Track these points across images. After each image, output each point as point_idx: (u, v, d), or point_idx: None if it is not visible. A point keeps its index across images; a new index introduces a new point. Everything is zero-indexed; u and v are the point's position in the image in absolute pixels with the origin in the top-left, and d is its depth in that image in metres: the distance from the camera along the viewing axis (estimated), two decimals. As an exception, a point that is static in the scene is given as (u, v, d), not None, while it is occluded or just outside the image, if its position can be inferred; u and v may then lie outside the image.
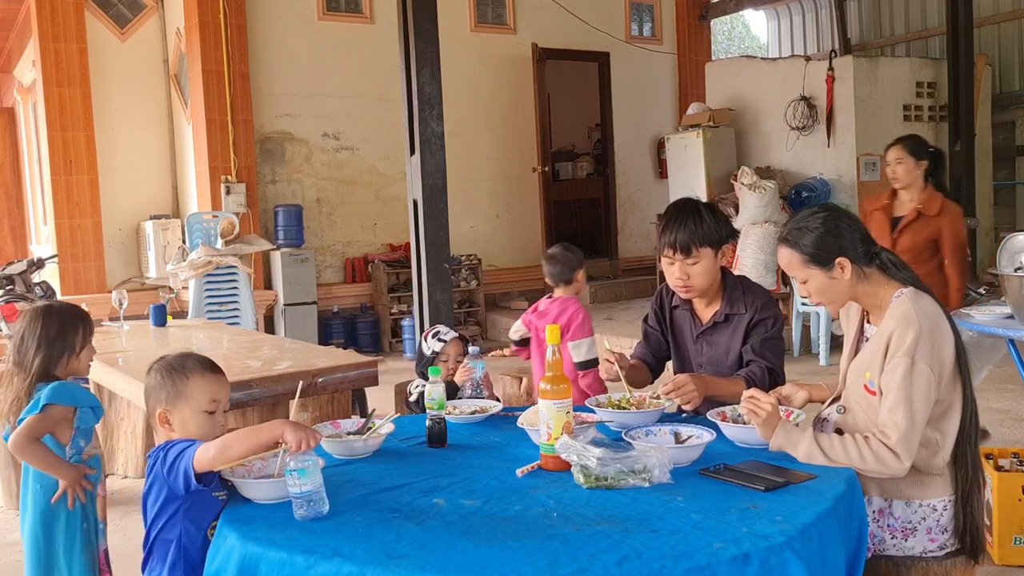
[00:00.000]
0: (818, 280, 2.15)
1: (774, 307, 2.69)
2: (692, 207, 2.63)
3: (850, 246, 2.12)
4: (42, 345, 2.55)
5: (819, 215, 2.17)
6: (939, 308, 2.08)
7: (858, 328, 2.25)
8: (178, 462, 1.90)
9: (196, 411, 2.02)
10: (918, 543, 2.10)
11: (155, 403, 2.05)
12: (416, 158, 4.87)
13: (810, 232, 2.14)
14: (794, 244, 2.16)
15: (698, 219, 2.59)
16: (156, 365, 2.08)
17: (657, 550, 1.55)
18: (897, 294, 2.11)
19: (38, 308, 2.65)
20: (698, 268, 2.60)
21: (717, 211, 2.66)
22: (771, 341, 2.63)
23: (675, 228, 2.59)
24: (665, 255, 2.63)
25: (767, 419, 2.07)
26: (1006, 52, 9.89)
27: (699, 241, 2.57)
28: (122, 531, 4.02)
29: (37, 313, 2.62)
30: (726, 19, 17.92)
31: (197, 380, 2.03)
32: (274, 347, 4.38)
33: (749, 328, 2.64)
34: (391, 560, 1.55)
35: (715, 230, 2.60)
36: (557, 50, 10.16)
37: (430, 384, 2.35)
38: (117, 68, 8.61)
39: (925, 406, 1.99)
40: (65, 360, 2.60)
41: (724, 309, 2.67)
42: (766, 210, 7.77)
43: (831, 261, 2.12)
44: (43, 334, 2.57)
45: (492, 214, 9.89)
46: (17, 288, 7.07)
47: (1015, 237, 3.88)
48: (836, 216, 2.16)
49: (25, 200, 11.55)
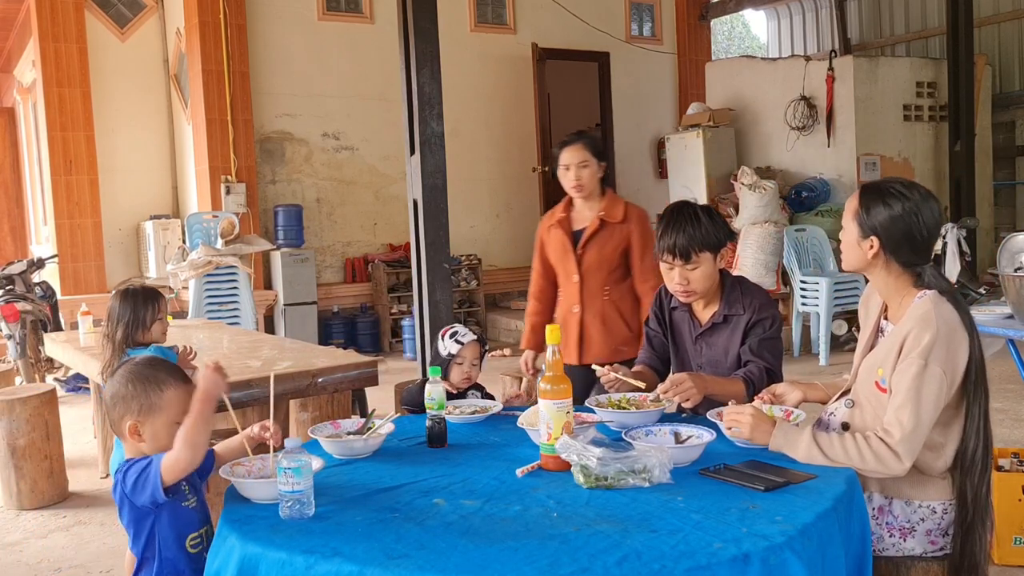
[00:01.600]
0: (849, 237, 2.15)
1: (772, 307, 2.68)
2: (690, 211, 2.60)
3: (897, 242, 2.08)
4: (120, 321, 3.10)
5: (908, 201, 2.07)
6: (960, 315, 2.05)
7: (876, 322, 2.24)
8: (143, 480, 1.85)
9: (169, 423, 1.94)
10: (918, 544, 2.10)
11: (123, 413, 1.95)
12: (416, 158, 4.86)
13: (884, 206, 2.08)
14: (864, 200, 2.12)
15: (696, 223, 2.56)
16: (123, 372, 2.00)
17: (657, 550, 1.55)
18: (920, 295, 2.09)
19: (117, 291, 3.21)
20: (698, 273, 2.57)
21: (714, 213, 2.64)
22: (769, 341, 2.62)
23: (673, 233, 2.56)
24: (664, 260, 2.60)
25: (753, 425, 2.07)
26: (1006, 52, 9.89)
27: (698, 246, 2.54)
28: (122, 531, 4.00)
29: (116, 295, 3.18)
30: (726, 19, 17.92)
31: (171, 392, 1.96)
32: (274, 347, 4.38)
33: (747, 328, 2.63)
34: (391, 560, 1.55)
35: (714, 233, 2.57)
36: (557, 50, 10.15)
37: (430, 384, 2.35)
38: (117, 68, 8.61)
39: (933, 408, 1.98)
40: (140, 332, 3.11)
41: (723, 310, 2.66)
42: (766, 210, 7.77)
43: (868, 234, 2.10)
44: (120, 312, 3.11)
45: (492, 214, 9.89)
46: (17, 288, 7.07)
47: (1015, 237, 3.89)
48: (916, 213, 2.07)
49: (25, 200, 11.55)
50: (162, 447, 1.93)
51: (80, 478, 4.82)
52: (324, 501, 1.85)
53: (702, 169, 8.84)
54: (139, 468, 1.89)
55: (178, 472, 1.85)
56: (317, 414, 3.79)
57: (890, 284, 2.14)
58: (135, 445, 1.97)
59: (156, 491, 1.85)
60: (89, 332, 4.91)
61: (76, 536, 4.03)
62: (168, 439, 1.92)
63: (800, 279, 7.32)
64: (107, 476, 4.87)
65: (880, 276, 2.15)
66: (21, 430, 4.40)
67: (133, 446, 1.98)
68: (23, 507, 4.41)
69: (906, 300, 2.12)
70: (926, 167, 8.85)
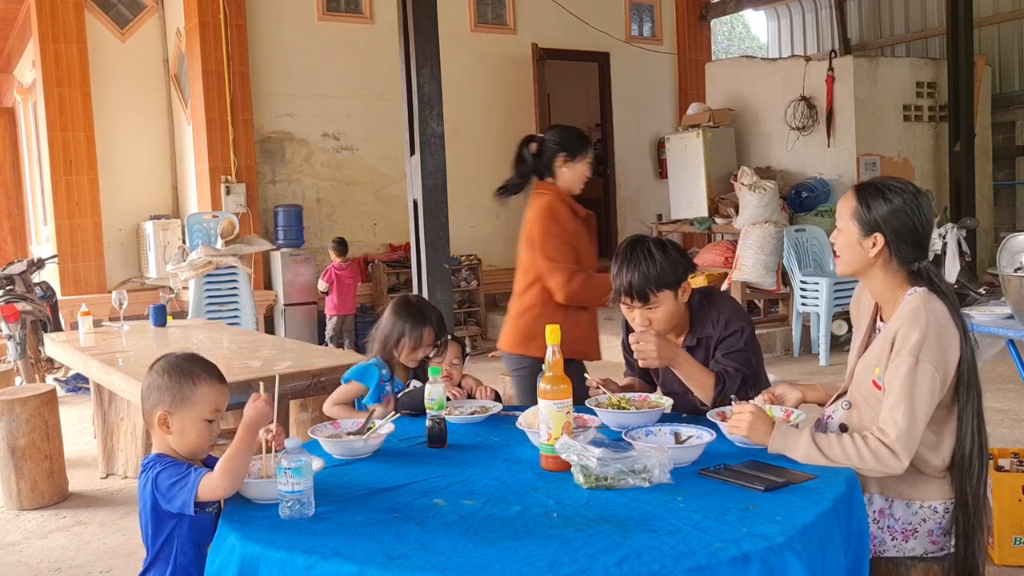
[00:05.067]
0: (849, 237, 2.12)
1: (741, 319, 2.55)
2: (644, 249, 2.45)
3: (900, 238, 2.07)
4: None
5: (906, 195, 2.08)
6: (950, 311, 2.05)
7: (870, 324, 2.24)
8: (178, 489, 1.87)
9: (198, 419, 1.98)
10: (919, 544, 2.10)
11: (156, 403, 1.99)
12: (416, 158, 4.87)
13: (884, 201, 2.08)
14: (862, 197, 2.11)
15: (650, 261, 2.42)
16: (162, 363, 2.03)
17: (657, 550, 1.55)
18: (910, 292, 2.09)
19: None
20: (659, 313, 2.46)
21: (670, 247, 2.50)
22: (736, 354, 2.49)
23: (628, 273, 2.43)
24: (623, 302, 2.49)
25: (752, 424, 2.06)
26: (1006, 52, 9.89)
27: (654, 285, 2.42)
28: (122, 531, 4.02)
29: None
30: (726, 19, 17.92)
31: (205, 388, 1.99)
32: (274, 347, 4.38)
33: (716, 346, 2.52)
34: (391, 560, 1.55)
35: (670, 270, 2.44)
36: (557, 50, 10.16)
37: (430, 384, 2.35)
38: (117, 68, 8.61)
39: (927, 405, 1.98)
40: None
41: (694, 334, 2.56)
42: (766, 210, 7.77)
43: (871, 232, 2.09)
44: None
45: (492, 214, 9.88)
46: (17, 288, 7.08)
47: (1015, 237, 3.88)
48: (916, 207, 2.08)
49: (25, 200, 11.55)
50: (187, 442, 1.98)
51: (80, 478, 4.82)
52: (324, 501, 1.85)
53: (702, 169, 8.84)
54: (176, 474, 1.90)
55: (215, 497, 1.88)
56: (317, 414, 3.79)
57: (887, 284, 2.13)
58: (163, 437, 2.00)
59: (187, 505, 1.87)
60: (89, 332, 4.92)
61: (76, 536, 4.03)
62: (194, 435, 1.97)
63: (800, 279, 7.32)
64: (107, 476, 4.88)
65: (877, 277, 2.13)
66: (21, 430, 4.40)
67: (161, 439, 2.01)
68: (23, 507, 4.41)
69: (898, 299, 2.11)
70: (926, 167, 8.86)
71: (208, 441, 2.01)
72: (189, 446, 1.99)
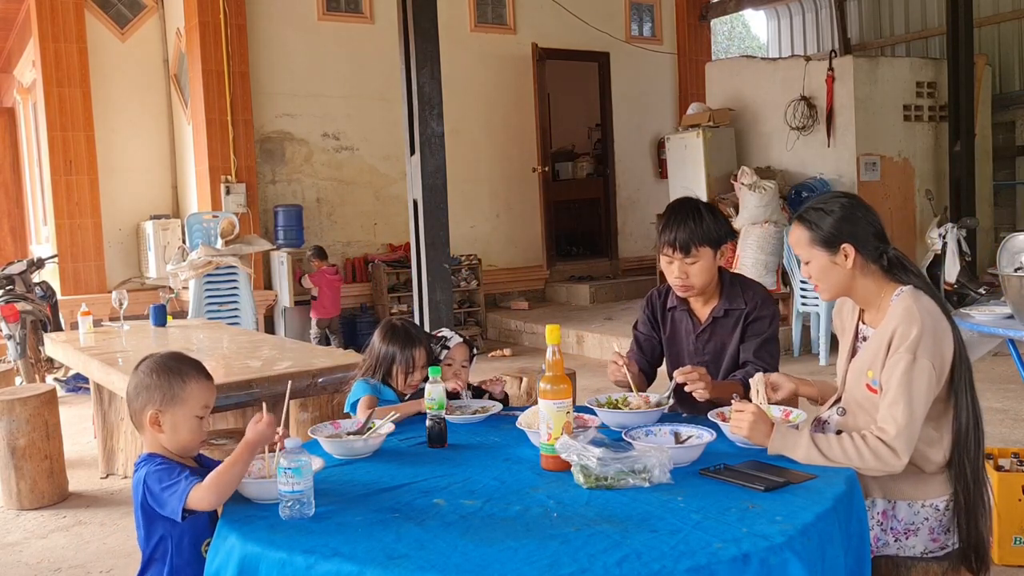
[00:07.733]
0: (820, 262, 2.16)
1: (772, 304, 2.71)
2: (692, 206, 2.66)
3: (862, 236, 2.13)
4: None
5: (840, 200, 2.18)
6: (939, 306, 2.09)
7: (854, 329, 2.25)
8: (168, 494, 1.87)
9: (189, 416, 1.99)
10: (920, 542, 2.10)
11: (146, 402, 1.99)
12: (416, 158, 4.87)
13: (826, 215, 2.15)
14: (807, 223, 2.17)
15: (698, 218, 2.61)
16: (148, 363, 2.04)
17: (657, 550, 1.55)
18: (897, 292, 2.12)
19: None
20: (697, 267, 2.62)
21: (716, 211, 2.69)
22: (768, 343, 2.66)
23: (675, 227, 2.61)
24: (664, 253, 2.65)
25: (752, 424, 2.06)
26: (1006, 52, 9.89)
27: (698, 240, 2.60)
28: (122, 531, 4.02)
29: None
30: (726, 19, 17.92)
31: (194, 384, 2.00)
32: (274, 347, 4.38)
33: (747, 322, 2.66)
34: (391, 560, 1.55)
35: (715, 230, 2.62)
36: (557, 50, 10.16)
37: (430, 384, 2.35)
38: (117, 68, 8.61)
39: (925, 402, 1.99)
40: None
41: (723, 305, 2.70)
42: (766, 210, 7.77)
43: (837, 246, 2.12)
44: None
45: (492, 214, 9.89)
46: (17, 288, 7.07)
47: (1015, 237, 3.88)
48: (855, 205, 2.17)
49: (25, 200, 11.55)
50: (180, 439, 1.99)
51: (80, 478, 4.82)
52: (324, 501, 1.85)
53: (702, 169, 8.83)
54: (167, 478, 1.90)
55: (201, 508, 1.87)
56: (317, 414, 3.79)
57: (870, 289, 2.16)
58: (154, 436, 2.00)
59: (175, 513, 1.87)
60: (89, 332, 4.91)
61: (76, 536, 4.03)
62: (186, 431, 1.99)
63: (800, 279, 7.31)
64: (107, 476, 4.88)
65: (859, 285, 2.16)
66: (21, 430, 4.40)
67: (152, 438, 2.01)
68: (23, 507, 4.41)
69: (884, 301, 2.13)
70: (926, 167, 8.85)
71: (200, 437, 2.02)
72: (182, 443, 1.99)
